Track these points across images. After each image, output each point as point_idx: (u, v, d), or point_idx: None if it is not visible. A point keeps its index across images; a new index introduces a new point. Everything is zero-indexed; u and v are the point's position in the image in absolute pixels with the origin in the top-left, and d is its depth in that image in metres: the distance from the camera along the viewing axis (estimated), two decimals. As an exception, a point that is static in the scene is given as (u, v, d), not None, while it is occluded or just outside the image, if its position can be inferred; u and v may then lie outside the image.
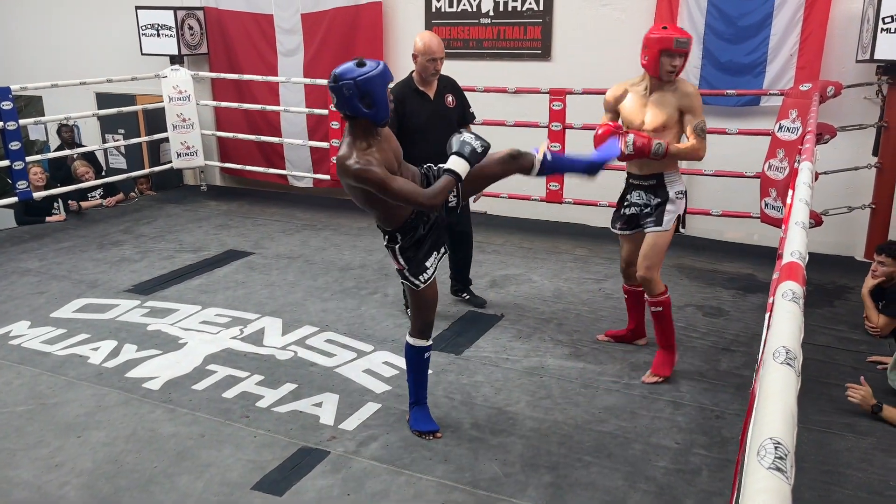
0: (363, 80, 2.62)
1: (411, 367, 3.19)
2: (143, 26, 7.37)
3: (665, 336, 3.61)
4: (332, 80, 2.68)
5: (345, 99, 2.65)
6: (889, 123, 5.06)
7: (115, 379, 3.66)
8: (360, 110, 2.66)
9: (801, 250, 1.60)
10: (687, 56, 3.43)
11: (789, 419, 0.86)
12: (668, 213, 3.48)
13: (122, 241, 5.93)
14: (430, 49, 3.93)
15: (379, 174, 2.66)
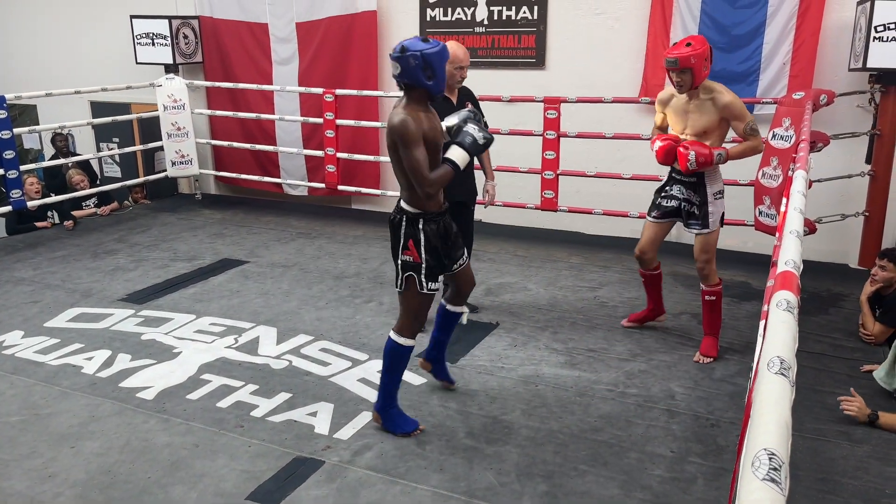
0: (429, 53, 2.84)
1: (395, 367, 3.15)
2: (137, 35, 7.37)
3: (714, 323, 3.95)
4: (398, 51, 2.86)
5: (410, 69, 2.84)
6: (882, 131, 5.09)
7: (108, 389, 3.64)
8: (422, 81, 2.87)
9: (795, 259, 1.60)
10: (689, 71, 3.56)
11: (784, 430, 0.86)
12: (712, 214, 3.78)
13: (116, 250, 5.91)
14: (458, 58, 4.06)
15: (413, 132, 2.86)
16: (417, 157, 2.87)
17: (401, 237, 3.04)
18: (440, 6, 6.61)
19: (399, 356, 3.14)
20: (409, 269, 3.04)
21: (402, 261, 3.05)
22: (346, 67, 6.98)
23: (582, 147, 5.83)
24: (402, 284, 3.08)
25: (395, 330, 3.15)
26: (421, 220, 3.02)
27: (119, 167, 8.14)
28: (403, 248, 3.03)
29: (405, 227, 3.03)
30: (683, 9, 5.71)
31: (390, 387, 3.19)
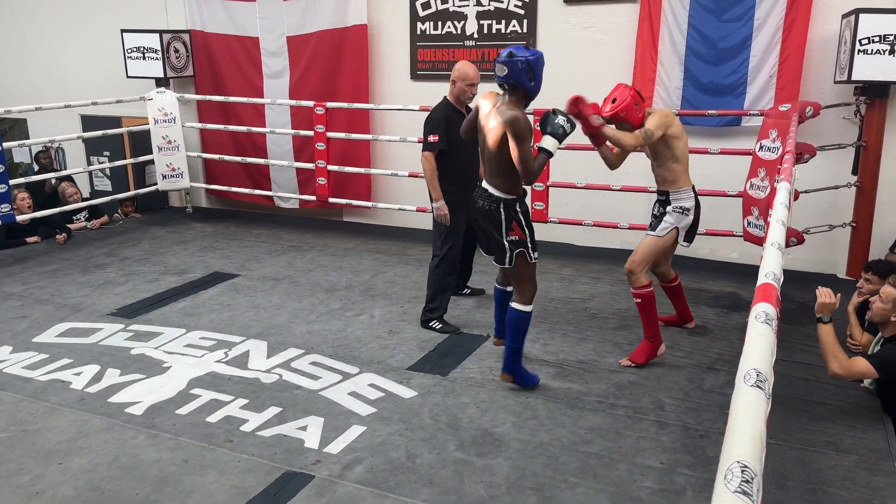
0: (534, 59, 3.32)
1: (519, 333, 3.59)
2: (128, 49, 7.39)
3: (645, 325, 4.02)
4: (506, 56, 3.30)
5: (517, 71, 3.29)
6: (867, 143, 5.14)
7: (97, 404, 3.62)
8: (526, 82, 3.33)
9: (775, 271, 1.62)
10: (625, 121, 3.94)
11: (757, 442, 0.87)
12: (665, 222, 4.05)
13: (106, 264, 5.90)
14: (468, 76, 4.40)
15: (528, 128, 3.30)
16: (529, 150, 3.31)
17: (501, 221, 3.48)
18: (430, 20, 6.66)
19: (524, 321, 3.60)
20: (518, 247, 3.49)
21: (509, 241, 3.48)
22: (337, 81, 7.01)
23: (571, 159, 5.86)
24: (511, 260, 3.50)
25: (517, 300, 3.58)
26: (517, 203, 3.50)
27: (110, 181, 8.13)
28: (508, 229, 3.47)
29: (504, 211, 3.47)
30: (671, 22, 5.76)
31: (518, 350, 3.63)
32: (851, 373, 3.31)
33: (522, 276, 3.58)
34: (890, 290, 3.40)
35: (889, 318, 3.38)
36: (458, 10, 6.53)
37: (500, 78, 3.36)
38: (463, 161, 4.36)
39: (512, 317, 3.60)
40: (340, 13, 6.86)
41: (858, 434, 3.28)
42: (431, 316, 4.53)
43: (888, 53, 4.80)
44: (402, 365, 4.02)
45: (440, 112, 4.42)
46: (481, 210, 3.54)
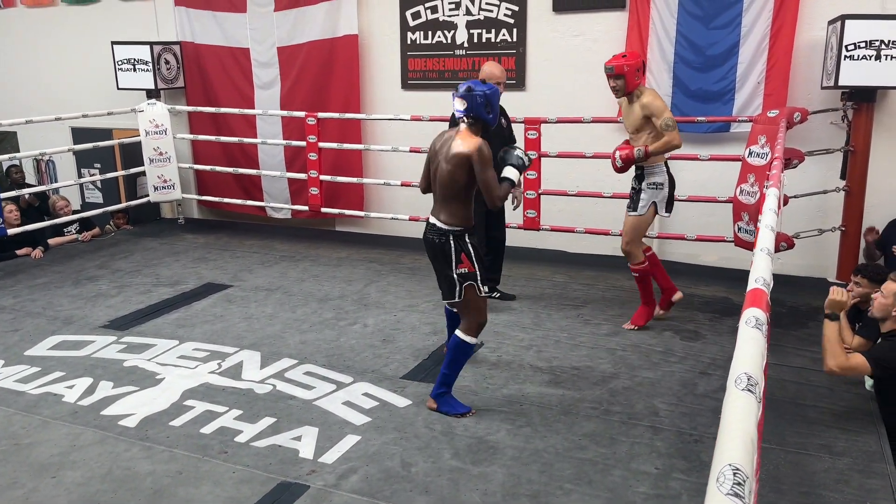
0: (491, 92, 3.43)
1: (457, 361, 3.54)
2: (119, 61, 7.39)
3: (643, 294, 4.54)
4: (465, 90, 3.41)
5: (477, 105, 3.40)
6: (855, 148, 5.19)
7: (90, 417, 3.60)
8: (485, 115, 3.43)
9: (765, 277, 1.64)
10: (622, 78, 4.22)
11: (749, 445, 0.88)
12: (643, 200, 4.39)
13: (98, 277, 5.88)
14: (494, 75, 4.59)
15: (489, 155, 3.37)
16: (493, 176, 3.39)
17: (451, 254, 3.44)
18: (421, 30, 6.69)
19: (465, 352, 3.54)
20: (467, 279, 3.46)
21: (458, 274, 3.44)
22: (328, 91, 7.03)
23: (563, 167, 5.90)
24: (460, 294, 3.46)
25: (463, 330, 3.51)
26: (466, 234, 3.47)
27: (101, 193, 8.11)
28: (457, 262, 3.44)
29: (454, 242, 3.44)
30: (660, 30, 5.81)
31: (451, 377, 3.57)
32: (846, 368, 3.33)
33: (472, 308, 3.49)
34: (892, 284, 3.42)
35: (890, 313, 3.40)
36: (447, 20, 6.57)
37: (460, 112, 3.43)
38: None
39: (455, 344, 3.51)
40: (331, 24, 6.89)
41: (851, 437, 3.29)
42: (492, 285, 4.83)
43: (874, 59, 4.86)
44: (396, 374, 4.02)
45: None
46: (432, 244, 3.51)
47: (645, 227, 4.45)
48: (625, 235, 4.44)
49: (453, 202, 3.45)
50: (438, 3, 6.56)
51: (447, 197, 3.46)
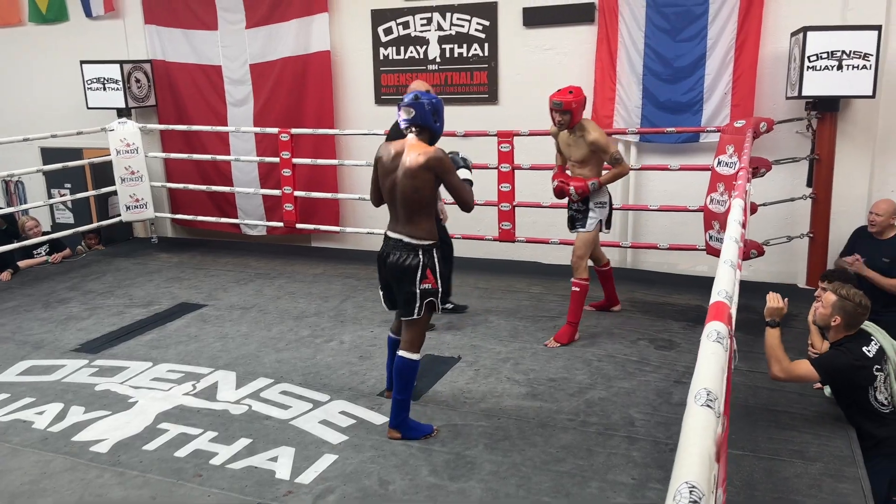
0: (438, 101, 3.41)
1: (408, 382, 3.44)
2: (88, 80, 7.33)
3: (573, 312, 4.59)
4: (413, 99, 3.35)
5: (424, 112, 3.34)
6: (820, 156, 5.29)
7: (61, 443, 3.54)
8: (432, 123, 3.38)
9: (727, 289, 1.66)
10: (570, 113, 4.38)
11: (706, 462, 0.90)
12: (591, 218, 4.59)
13: (68, 299, 5.79)
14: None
15: (450, 163, 3.36)
16: (460, 180, 3.41)
17: (416, 269, 3.34)
18: (393, 45, 6.72)
19: (413, 370, 3.45)
20: (430, 296, 3.38)
21: (421, 289, 3.35)
22: (302, 107, 7.03)
23: (536, 179, 5.94)
24: (420, 310, 3.37)
25: (406, 349, 3.43)
26: (434, 249, 3.39)
27: (72, 213, 8.00)
28: (422, 277, 3.34)
29: (422, 258, 3.35)
30: (628, 43, 5.90)
31: (406, 402, 3.47)
32: (792, 376, 3.41)
33: (420, 326, 3.42)
34: (829, 295, 3.50)
35: (829, 323, 3.47)
36: (419, 35, 6.61)
37: (406, 121, 3.34)
38: None
39: (401, 366, 3.41)
40: (303, 40, 6.90)
41: (823, 441, 3.34)
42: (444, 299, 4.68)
43: (836, 69, 4.98)
44: (373, 390, 4.00)
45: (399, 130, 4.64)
46: (394, 261, 3.38)
47: (591, 243, 4.64)
48: (576, 250, 4.61)
49: (418, 216, 3.35)
50: (410, 18, 6.60)
51: (412, 212, 3.34)
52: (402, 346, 3.44)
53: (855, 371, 3.33)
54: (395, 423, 3.47)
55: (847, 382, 3.38)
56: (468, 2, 6.39)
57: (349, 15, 6.81)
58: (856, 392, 3.38)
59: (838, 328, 3.46)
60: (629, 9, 5.84)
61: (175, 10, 7.34)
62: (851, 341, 3.44)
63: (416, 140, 3.36)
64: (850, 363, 3.33)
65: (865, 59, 4.93)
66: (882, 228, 4.88)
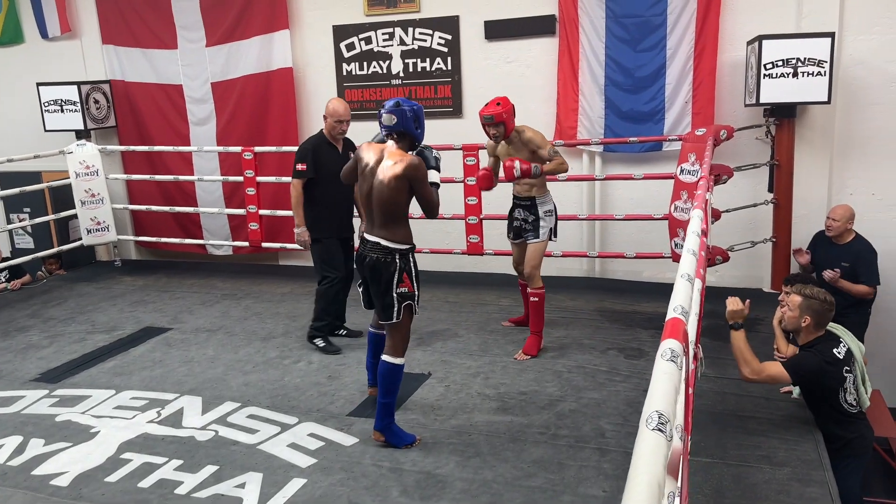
0: (419, 108, 3.47)
1: (393, 386, 3.48)
2: (45, 102, 7.19)
3: (536, 323, 4.59)
4: (394, 105, 3.41)
5: (406, 119, 3.40)
6: (780, 162, 5.38)
7: (20, 478, 3.43)
8: (413, 129, 3.44)
9: (683, 304, 1.66)
10: (503, 124, 4.36)
11: (654, 489, 0.88)
12: (542, 228, 4.57)
13: (28, 327, 5.64)
14: (338, 113, 4.69)
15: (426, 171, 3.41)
16: (431, 190, 3.44)
17: (393, 273, 3.41)
18: (356, 60, 6.71)
19: (397, 375, 3.48)
20: (407, 299, 3.45)
21: (398, 293, 3.42)
22: (265, 124, 6.97)
23: (502, 191, 5.93)
24: (399, 314, 3.43)
25: (390, 354, 3.47)
26: (410, 253, 3.48)
27: (32, 238, 7.82)
28: (399, 282, 3.41)
29: (399, 262, 3.42)
30: (589, 54, 5.95)
31: (391, 406, 3.52)
32: (763, 376, 3.44)
33: (402, 330, 3.48)
34: (795, 297, 3.54)
35: (800, 325, 3.50)
36: (382, 51, 6.61)
37: (388, 127, 3.42)
38: (334, 192, 4.62)
39: (386, 370, 3.46)
40: (265, 57, 6.85)
41: (791, 446, 3.37)
42: (317, 333, 4.84)
43: (791, 76, 5.07)
44: (342, 411, 3.95)
45: (310, 143, 4.75)
46: (374, 263, 3.44)
47: (543, 252, 4.64)
48: (530, 261, 4.57)
49: (393, 221, 3.44)
50: (372, 34, 6.59)
51: (388, 216, 3.43)
52: (385, 351, 3.49)
53: (826, 372, 3.37)
54: (379, 427, 3.52)
55: (818, 384, 3.41)
56: (430, 16, 6.40)
57: (311, 31, 6.78)
58: (827, 393, 3.41)
59: (808, 329, 3.49)
60: (589, 20, 5.89)
61: (133, 29, 7.24)
62: (821, 343, 3.47)
63: (395, 147, 3.45)
64: (820, 365, 3.37)
65: (820, 66, 5.03)
66: (839, 233, 4.96)
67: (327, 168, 4.61)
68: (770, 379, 3.47)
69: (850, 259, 4.89)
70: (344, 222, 4.85)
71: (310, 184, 4.67)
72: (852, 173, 5.51)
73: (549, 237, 4.62)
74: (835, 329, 3.58)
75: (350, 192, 4.71)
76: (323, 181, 4.64)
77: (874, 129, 5.42)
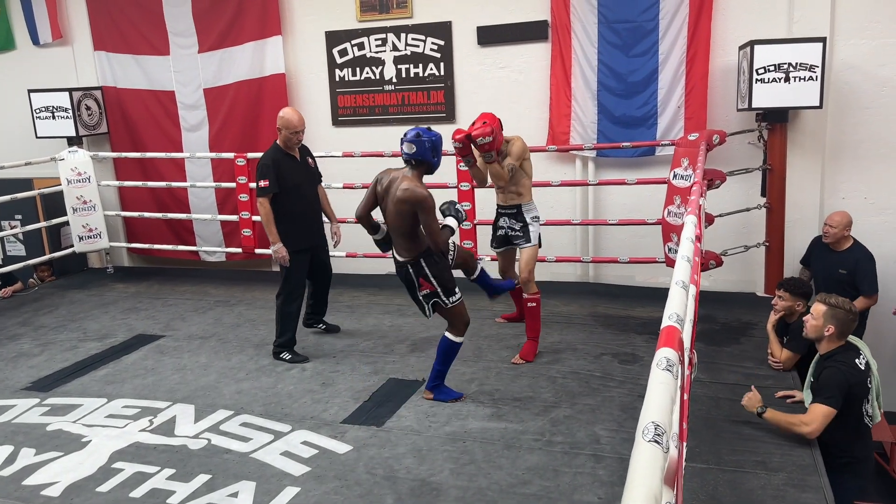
0: (437, 138, 3.78)
1: (447, 358, 3.98)
2: (36, 109, 7.15)
3: (533, 328, 4.60)
4: (414, 136, 3.72)
5: (424, 149, 3.72)
6: (772, 166, 5.39)
7: (10, 488, 3.39)
8: (430, 158, 3.76)
9: (678, 312, 1.65)
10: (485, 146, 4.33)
11: (650, 502, 0.87)
12: (532, 233, 4.60)
13: (19, 335, 5.60)
14: (292, 124, 4.69)
15: (433, 204, 3.74)
16: (435, 221, 3.73)
17: (413, 280, 3.86)
18: (349, 66, 6.70)
19: (454, 350, 3.99)
20: (432, 298, 3.88)
21: (423, 295, 3.88)
22: (258, 130, 6.95)
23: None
24: (430, 311, 3.92)
25: (451, 333, 3.96)
26: (420, 259, 3.84)
27: (23, 245, 7.78)
28: (419, 286, 3.86)
29: (413, 271, 3.85)
30: (582, 59, 5.96)
31: (443, 371, 4.01)
32: (819, 423, 3.30)
33: (453, 314, 3.93)
34: (819, 305, 3.49)
35: (823, 334, 3.46)
36: (375, 56, 6.60)
37: (407, 154, 3.74)
38: (300, 201, 4.70)
39: (446, 346, 3.97)
40: (258, 63, 6.84)
41: (786, 451, 3.36)
42: (281, 349, 4.81)
43: (783, 81, 5.09)
44: (336, 419, 3.92)
45: (269, 157, 4.68)
46: (402, 276, 3.94)
47: (536, 257, 4.65)
48: (525, 266, 4.57)
49: (403, 238, 3.84)
50: (365, 39, 6.59)
51: (398, 235, 3.86)
52: (447, 329, 3.97)
53: (854, 381, 3.33)
54: (430, 387, 4.03)
55: (850, 394, 3.33)
56: (422, 22, 6.40)
57: (303, 37, 6.77)
58: (853, 402, 3.36)
59: (831, 338, 3.45)
60: (581, 26, 5.90)
61: (125, 35, 7.22)
62: (842, 353, 3.43)
63: (410, 173, 3.77)
64: (846, 376, 3.33)
65: (812, 71, 5.05)
66: (836, 240, 4.93)
67: (289, 179, 4.64)
68: (825, 420, 3.31)
69: (849, 267, 4.86)
70: (313, 230, 4.86)
71: (274, 198, 4.60)
72: (845, 177, 5.53)
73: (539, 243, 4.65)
74: (854, 340, 3.55)
75: (315, 198, 4.87)
76: (286, 193, 4.62)
77: (866, 134, 5.44)
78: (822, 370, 3.45)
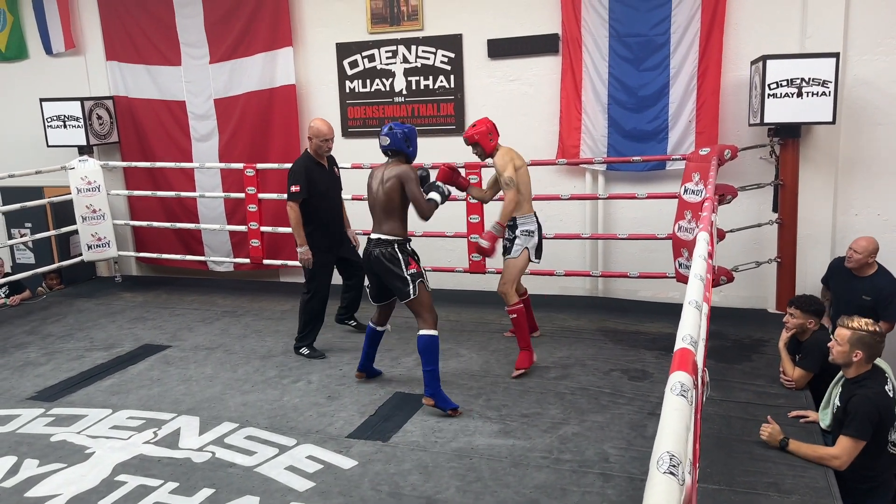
0: (409, 130, 4.12)
1: (432, 356, 3.98)
2: (48, 118, 7.19)
3: (522, 339, 4.61)
4: (387, 129, 4.08)
5: (397, 139, 4.07)
6: (784, 182, 5.34)
7: (13, 500, 3.37)
8: (405, 148, 4.10)
9: (692, 334, 1.61)
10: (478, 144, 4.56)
11: (668, 540, 0.84)
12: (517, 245, 4.63)
13: (26, 344, 5.59)
14: (322, 133, 4.90)
15: (416, 176, 4.06)
16: (420, 192, 4.04)
17: (400, 259, 4.02)
18: (359, 78, 6.70)
19: (434, 344, 4.02)
20: (418, 277, 4.02)
21: (409, 274, 4.01)
22: (268, 141, 6.96)
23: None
24: (415, 290, 4.00)
25: (424, 328, 4.01)
26: (407, 243, 4.11)
27: (33, 253, 7.80)
28: (407, 265, 4.03)
29: (399, 251, 4.04)
30: (592, 73, 5.94)
31: (435, 372, 4.01)
32: (849, 454, 3.24)
33: (423, 304, 4.03)
34: (842, 330, 3.39)
35: (851, 360, 3.36)
36: (385, 68, 6.60)
37: (384, 147, 4.09)
38: (325, 207, 4.96)
39: (424, 343, 4.00)
40: (268, 74, 6.85)
41: (798, 473, 3.29)
42: (301, 343, 5.05)
43: (796, 96, 5.04)
44: (341, 433, 3.88)
45: (300, 164, 4.92)
46: (379, 257, 4.04)
47: (519, 270, 4.65)
48: (503, 277, 4.64)
49: (392, 218, 4.07)
50: (375, 51, 6.60)
51: (387, 213, 4.07)
52: (419, 327, 4.02)
53: (882, 409, 3.26)
54: (429, 393, 4.03)
55: (877, 424, 3.27)
56: (433, 34, 6.40)
57: (314, 49, 6.78)
58: (878, 433, 3.28)
59: (860, 363, 3.36)
60: (592, 39, 5.88)
61: (137, 46, 7.26)
62: (870, 378, 3.35)
63: (393, 161, 4.12)
64: (876, 404, 3.25)
65: (824, 86, 5.00)
66: (860, 265, 4.69)
67: (318, 187, 4.89)
68: (855, 452, 3.25)
69: (873, 294, 4.65)
70: (336, 238, 5.07)
71: (303, 203, 4.86)
72: (857, 194, 5.47)
73: (530, 257, 4.63)
74: (880, 363, 3.46)
75: (339, 204, 5.15)
76: (314, 200, 4.88)
77: (879, 150, 5.38)
78: (850, 396, 3.33)
